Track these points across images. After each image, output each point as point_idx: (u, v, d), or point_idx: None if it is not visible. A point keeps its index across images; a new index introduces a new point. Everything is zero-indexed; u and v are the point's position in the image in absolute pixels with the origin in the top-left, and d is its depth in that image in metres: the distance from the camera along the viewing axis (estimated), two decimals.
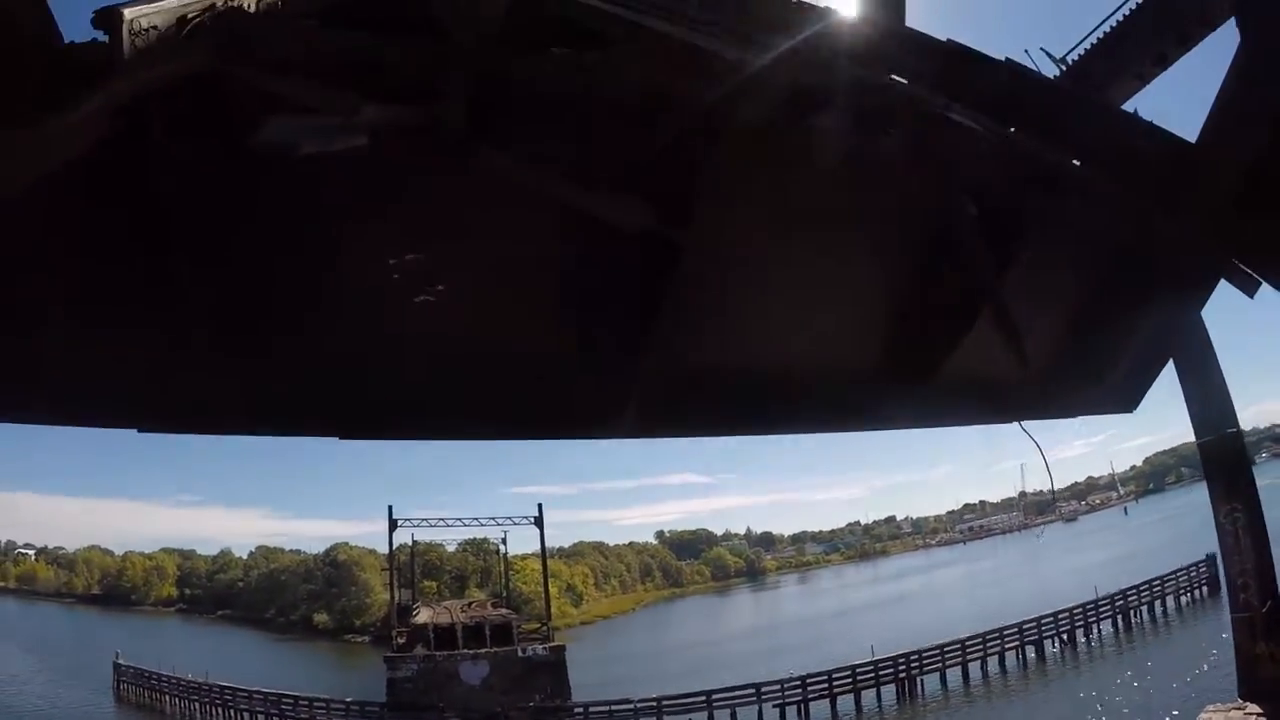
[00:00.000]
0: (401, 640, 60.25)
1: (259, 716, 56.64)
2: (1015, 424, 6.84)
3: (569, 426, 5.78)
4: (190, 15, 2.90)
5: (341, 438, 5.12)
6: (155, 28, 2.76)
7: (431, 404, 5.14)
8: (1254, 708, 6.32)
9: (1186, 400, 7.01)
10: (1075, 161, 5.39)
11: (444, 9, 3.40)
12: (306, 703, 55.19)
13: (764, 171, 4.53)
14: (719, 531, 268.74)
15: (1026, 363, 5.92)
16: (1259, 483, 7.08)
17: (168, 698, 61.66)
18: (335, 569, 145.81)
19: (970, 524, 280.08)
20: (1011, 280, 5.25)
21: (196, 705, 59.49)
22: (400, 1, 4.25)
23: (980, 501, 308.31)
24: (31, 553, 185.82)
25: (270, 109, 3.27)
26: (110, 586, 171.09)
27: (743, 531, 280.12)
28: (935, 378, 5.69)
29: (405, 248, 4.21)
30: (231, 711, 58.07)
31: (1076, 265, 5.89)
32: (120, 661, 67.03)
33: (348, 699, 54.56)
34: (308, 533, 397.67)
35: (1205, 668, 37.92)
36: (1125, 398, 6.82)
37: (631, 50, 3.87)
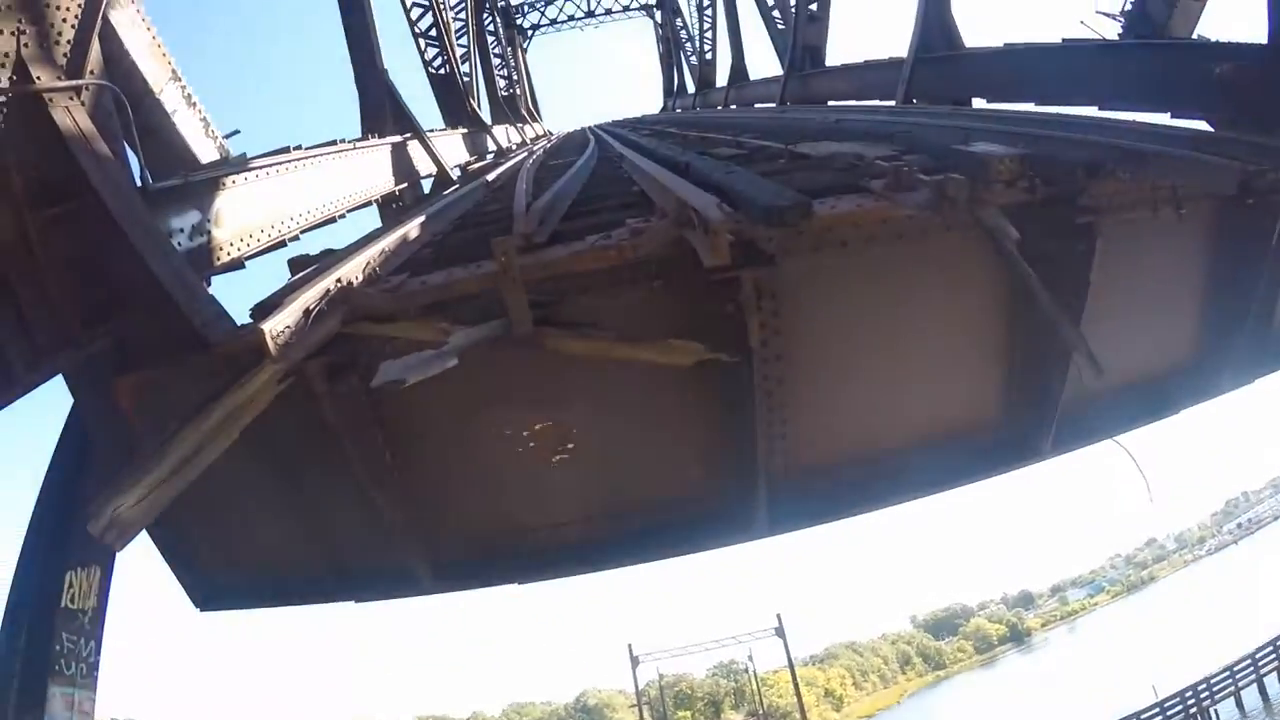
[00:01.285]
0: None
1: None
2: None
3: (707, 541, 6.07)
4: (311, 306, 4.21)
5: (520, 583, 6.16)
6: (288, 327, 4.04)
7: (585, 544, 5.95)
8: None
9: None
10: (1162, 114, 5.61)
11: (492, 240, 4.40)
12: None
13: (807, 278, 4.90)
14: (973, 600, 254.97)
15: (1167, 349, 6.05)
16: None
17: None
18: (587, 714, 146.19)
19: (1238, 520, 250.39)
20: (1111, 276, 5.08)
21: None
22: (461, 235, 5.25)
23: (1243, 493, 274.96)
24: None
25: (387, 349, 4.39)
26: None
27: (998, 596, 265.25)
28: (1071, 397, 5.60)
29: (529, 422, 5.08)
30: None
31: (1186, 227, 5.44)
32: None
33: None
34: (557, 683, 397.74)
35: None
36: (1245, 373, 6.29)
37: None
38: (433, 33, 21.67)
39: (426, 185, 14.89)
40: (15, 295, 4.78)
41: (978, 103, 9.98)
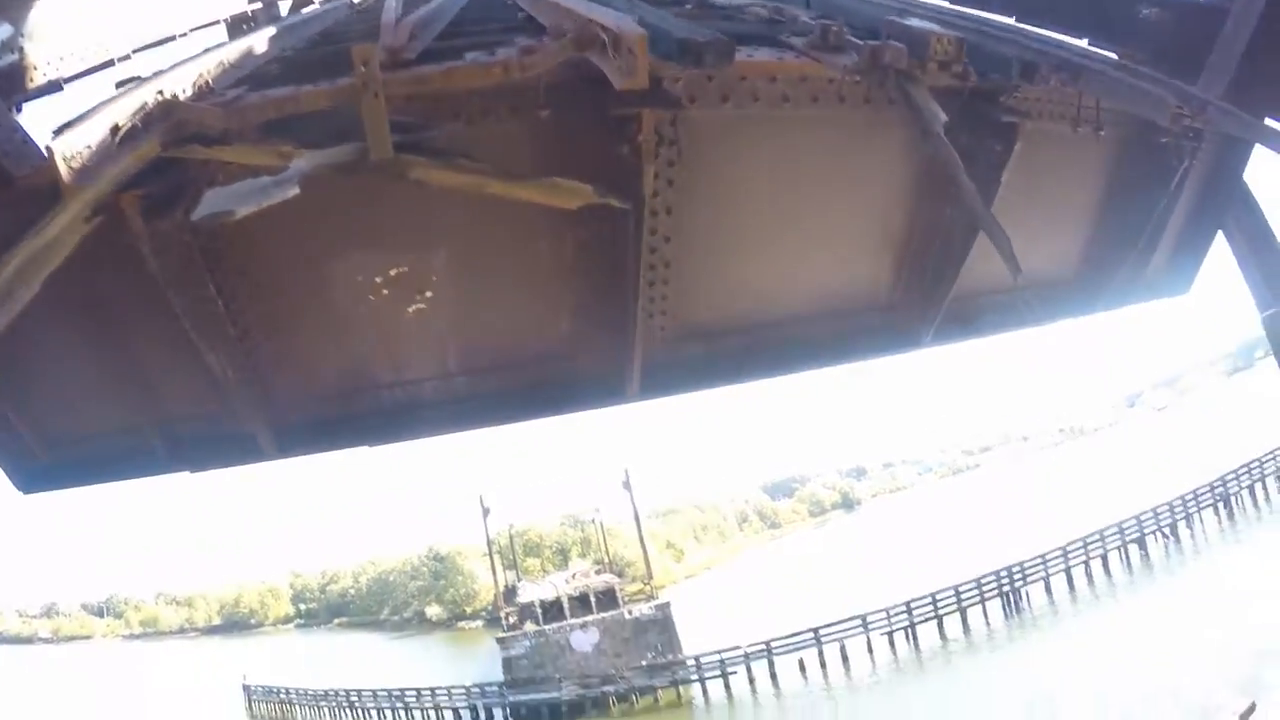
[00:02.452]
0: (511, 620, 61.83)
1: (385, 713, 58.69)
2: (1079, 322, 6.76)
3: (575, 403, 5.71)
4: (121, 123, 3.28)
5: (371, 445, 5.68)
6: (89, 148, 3.14)
7: (443, 403, 5.47)
8: None
9: (1243, 273, 6.24)
10: (1078, 39, 5.21)
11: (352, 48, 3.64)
12: (429, 693, 56.78)
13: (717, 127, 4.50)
14: (811, 467, 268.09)
15: (1060, 259, 5.89)
16: None
17: (298, 709, 64.17)
18: (440, 562, 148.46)
19: (1063, 426, 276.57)
20: (1019, 181, 4.90)
21: (326, 711, 61.71)
22: (315, 52, 4.57)
23: (1070, 403, 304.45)
24: (151, 598, 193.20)
25: (218, 177, 3.65)
26: (229, 615, 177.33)
27: (834, 465, 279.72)
28: (957, 290, 5.51)
29: (382, 266, 4.50)
30: (359, 712, 60.32)
31: (1095, 150, 5.55)
32: (248, 683, 69.67)
33: (467, 684, 56.20)
34: (409, 531, 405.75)
35: None
36: (1177, 280, 6.53)
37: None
38: None
39: (284, 9, 13.66)
40: None
41: None
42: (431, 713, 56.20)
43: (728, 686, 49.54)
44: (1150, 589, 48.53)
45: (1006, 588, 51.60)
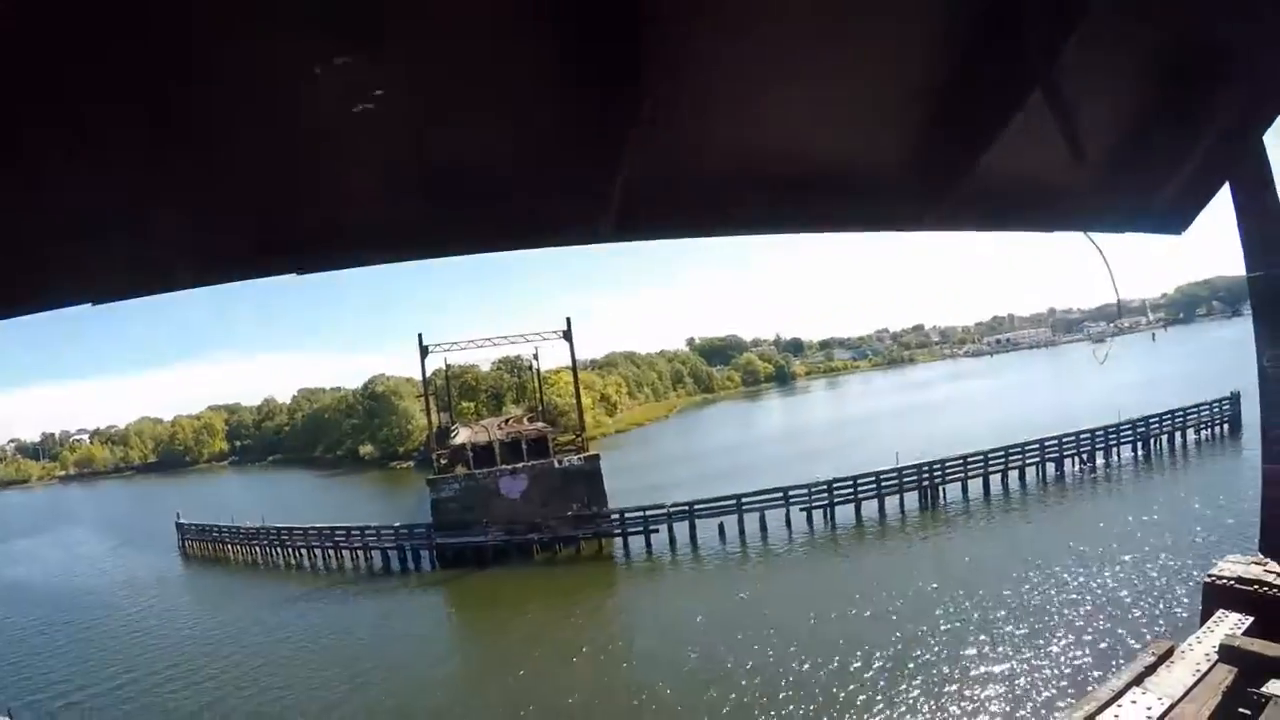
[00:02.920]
0: (443, 462, 62.72)
1: (315, 551, 59.20)
2: (1063, 235, 6.33)
3: (541, 236, 5.12)
4: None
5: (299, 273, 4.74)
6: None
7: (391, 226, 4.72)
8: (1274, 565, 6.07)
9: (1240, 230, 6.21)
10: None
11: None
12: (359, 532, 57.27)
13: None
14: (748, 338, 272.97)
15: (1076, 166, 5.18)
16: None
17: (230, 546, 64.57)
18: (375, 401, 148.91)
19: (999, 336, 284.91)
20: (1065, 67, 4.38)
21: (257, 549, 62.28)
22: None
23: (1010, 315, 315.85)
24: (86, 437, 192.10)
25: None
26: (164, 453, 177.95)
27: (772, 338, 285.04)
28: (972, 175, 5.04)
29: (326, 52, 3.63)
30: (290, 550, 60.77)
31: (1137, 60, 5.00)
32: (181, 521, 69.90)
33: (396, 524, 56.54)
34: (349, 367, 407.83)
35: (1227, 518, 38.92)
36: (1175, 219, 6.20)
37: None
38: None
39: None
40: None
41: None
42: (360, 552, 56.59)
43: (649, 543, 50.81)
44: (1060, 505, 51.15)
45: (925, 482, 53.68)
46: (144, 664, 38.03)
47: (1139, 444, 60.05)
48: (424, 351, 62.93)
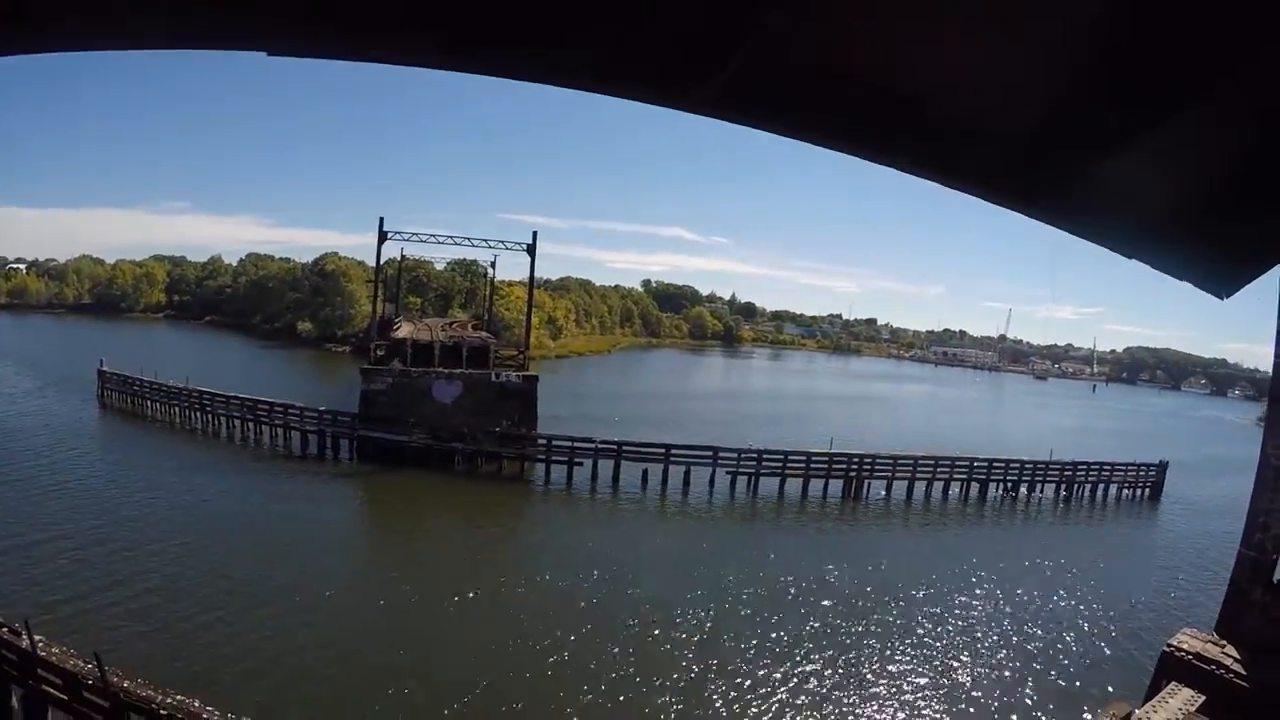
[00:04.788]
0: (380, 353, 61.68)
1: (235, 421, 58.11)
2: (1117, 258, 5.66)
3: (623, 84, 4.39)
4: None
5: (270, 54, 3.95)
6: None
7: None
8: (1232, 650, 6.06)
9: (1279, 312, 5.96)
10: None
11: None
12: (281, 409, 56.38)
13: None
14: (704, 292, 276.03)
15: (1165, 200, 5.01)
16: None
17: (149, 403, 63.14)
18: (322, 278, 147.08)
19: (946, 350, 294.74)
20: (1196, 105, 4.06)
21: (176, 409, 61.02)
22: None
23: (961, 331, 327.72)
24: (23, 267, 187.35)
25: None
26: (100, 295, 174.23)
27: (727, 297, 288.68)
28: (1084, 176, 4.66)
29: None
30: (209, 415, 59.68)
31: (1252, 119, 4.47)
32: (105, 369, 68.01)
33: (321, 408, 55.51)
34: (299, 241, 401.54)
35: (1133, 583, 40.25)
36: (1223, 283, 5.76)
37: None
38: None
39: None
40: None
41: None
42: (281, 430, 55.81)
43: (570, 474, 50.69)
44: (977, 525, 52.81)
45: (854, 473, 54.56)
46: (39, 520, 35.64)
47: (1063, 486, 61.62)
48: (382, 236, 61.30)
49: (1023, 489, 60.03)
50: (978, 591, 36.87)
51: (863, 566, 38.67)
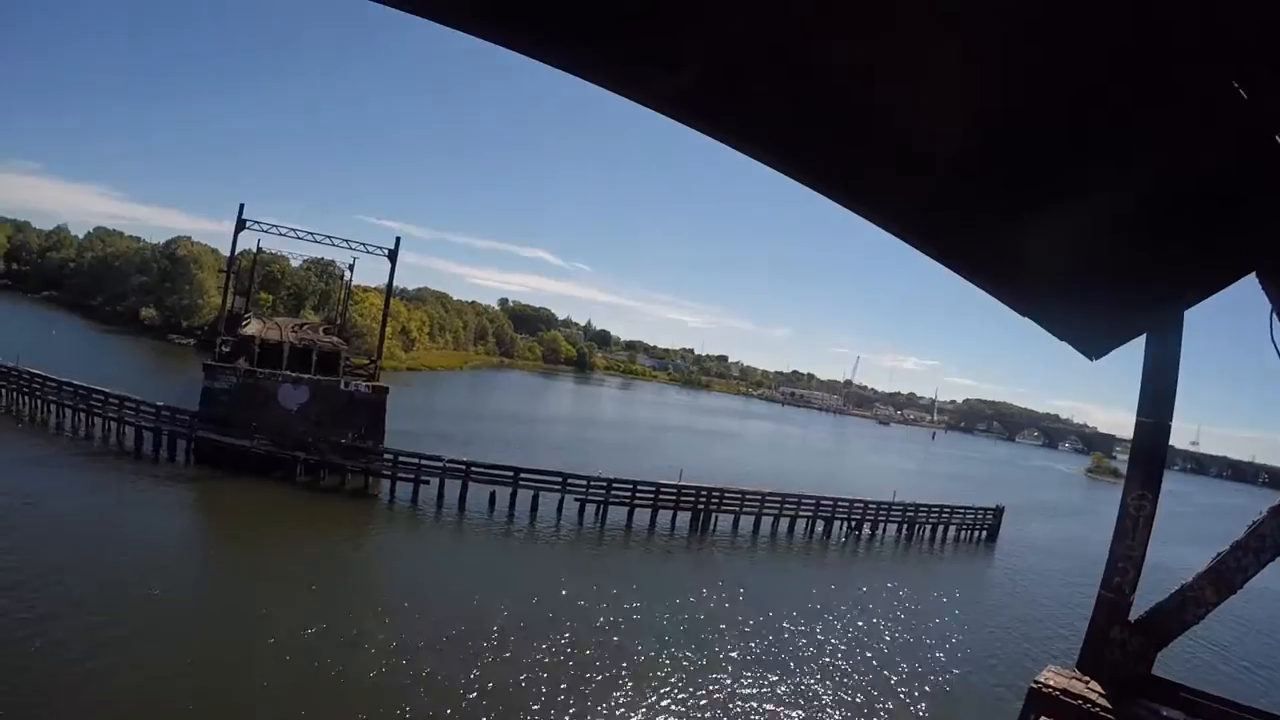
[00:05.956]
0: (226, 350, 59.25)
1: (66, 410, 55.44)
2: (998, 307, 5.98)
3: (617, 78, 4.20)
4: None
5: None
6: None
7: None
8: (1096, 685, 6.43)
9: (1143, 377, 6.51)
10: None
11: None
12: (117, 401, 53.78)
13: None
14: (561, 316, 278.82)
15: (1060, 262, 5.31)
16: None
17: None
18: (172, 263, 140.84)
19: (794, 390, 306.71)
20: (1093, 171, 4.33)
21: (2, 391, 58.00)
22: None
23: (810, 374, 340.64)
24: None
25: None
26: None
27: (584, 323, 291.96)
28: (991, 230, 5.02)
29: None
30: (39, 401, 56.91)
31: (1142, 191, 4.70)
32: None
33: (159, 403, 53.15)
34: (152, 221, 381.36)
35: (966, 616, 42.77)
36: (1095, 345, 6.24)
37: None
38: None
39: None
40: None
41: None
42: (114, 424, 53.32)
43: (416, 492, 50.07)
44: (821, 561, 55.03)
45: (701, 506, 56.02)
46: None
47: (904, 526, 64.98)
48: (240, 225, 59.18)
49: (866, 528, 62.68)
50: (818, 624, 38.29)
51: (706, 596, 39.67)
